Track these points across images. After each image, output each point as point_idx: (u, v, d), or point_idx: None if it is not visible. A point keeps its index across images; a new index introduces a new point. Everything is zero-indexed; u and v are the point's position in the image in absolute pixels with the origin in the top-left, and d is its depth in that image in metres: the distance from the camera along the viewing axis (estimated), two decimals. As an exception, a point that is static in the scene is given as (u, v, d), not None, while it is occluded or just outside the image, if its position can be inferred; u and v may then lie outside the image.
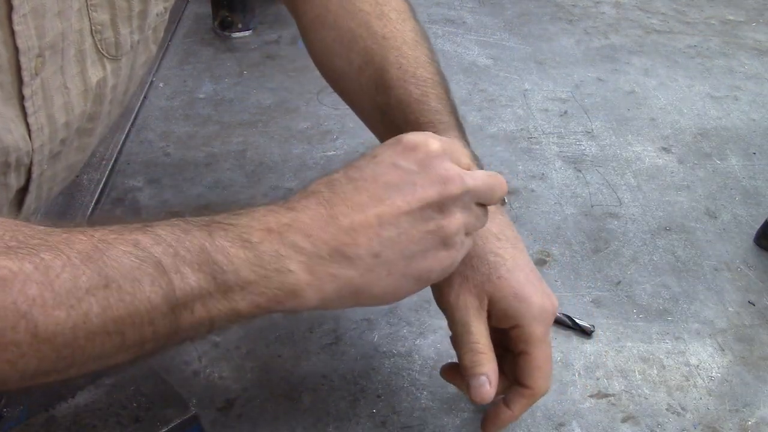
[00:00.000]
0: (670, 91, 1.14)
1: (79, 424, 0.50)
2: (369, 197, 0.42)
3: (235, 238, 0.40)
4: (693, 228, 0.85)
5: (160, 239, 0.39)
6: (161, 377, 0.53)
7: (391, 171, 0.43)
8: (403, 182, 0.43)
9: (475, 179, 0.45)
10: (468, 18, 1.36)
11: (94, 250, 0.37)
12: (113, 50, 0.58)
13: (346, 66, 0.65)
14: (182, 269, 0.38)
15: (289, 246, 0.41)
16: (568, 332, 0.70)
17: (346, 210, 0.42)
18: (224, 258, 0.40)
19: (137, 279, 0.37)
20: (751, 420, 0.63)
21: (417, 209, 0.43)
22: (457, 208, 0.44)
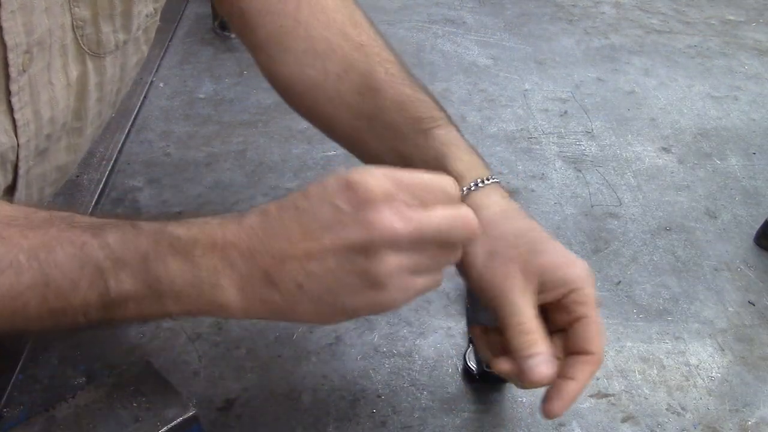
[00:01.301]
0: (670, 91, 1.14)
1: (79, 424, 0.50)
2: (301, 231, 0.43)
3: (178, 250, 0.43)
4: (693, 228, 0.85)
5: (105, 245, 0.42)
6: (161, 377, 0.53)
7: (326, 209, 0.42)
8: (334, 222, 0.42)
9: (419, 223, 0.43)
10: (468, 18, 1.36)
11: (43, 248, 0.42)
12: (95, 47, 0.58)
13: (321, 76, 0.63)
14: (120, 275, 0.42)
15: (227, 263, 0.43)
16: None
17: (280, 238, 0.43)
18: (163, 268, 0.42)
19: (76, 280, 0.42)
20: (751, 420, 0.63)
21: (343, 250, 0.42)
22: (388, 251, 0.42)
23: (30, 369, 0.64)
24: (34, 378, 0.63)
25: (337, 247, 0.42)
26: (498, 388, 0.64)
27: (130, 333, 0.68)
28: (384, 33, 0.99)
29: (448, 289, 0.75)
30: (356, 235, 0.42)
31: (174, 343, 0.67)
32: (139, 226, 0.43)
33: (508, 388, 0.64)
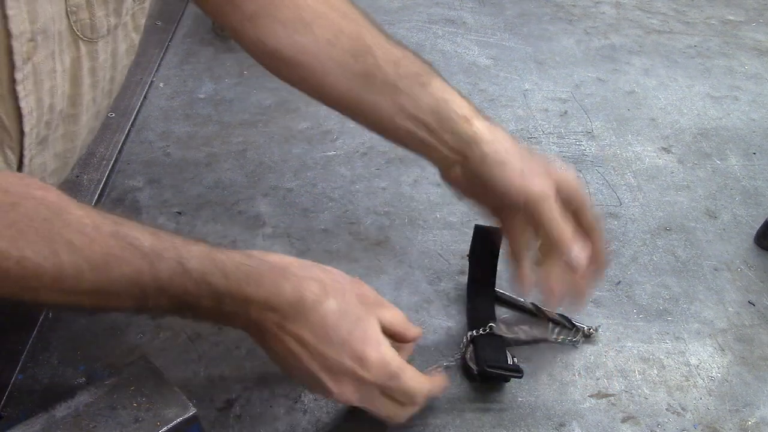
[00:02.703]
0: (670, 91, 1.14)
1: (79, 424, 0.50)
2: (310, 343, 0.53)
3: (212, 295, 0.51)
4: (693, 228, 0.85)
5: (157, 279, 0.49)
6: (161, 377, 0.53)
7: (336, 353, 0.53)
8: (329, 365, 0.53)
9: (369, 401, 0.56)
10: (468, 18, 1.36)
11: (104, 265, 0.48)
12: (88, 32, 0.59)
13: (311, 43, 0.65)
14: (160, 299, 0.50)
15: (244, 314, 0.52)
16: (568, 332, 0.70)
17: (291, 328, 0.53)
18: (195, 303, 0.51)
19: (124, 295, 0.49)
20: (751, 420, 0.63)
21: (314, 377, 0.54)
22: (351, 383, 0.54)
23: (30, 369, 0.64)
24: (34, 378, 0.63)
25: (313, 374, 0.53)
26: (498, 388, 0.64)
27: (130, 333, 0.68)
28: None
29: (448, 289, 0.75)
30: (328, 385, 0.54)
31: (174, 343, 0.67)
32: (188, 267, 0.50)
33: (508, 388, 0.64)
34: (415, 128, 0.63)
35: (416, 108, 0.63)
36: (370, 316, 0.55)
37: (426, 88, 0.63)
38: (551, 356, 0.68)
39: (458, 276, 0.76)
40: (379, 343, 0.54)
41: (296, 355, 0.53)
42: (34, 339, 0.66)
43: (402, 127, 0.64)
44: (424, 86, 0.63)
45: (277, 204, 0.86)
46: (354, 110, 0.67)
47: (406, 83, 0.63)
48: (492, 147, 0.61)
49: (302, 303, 0.52)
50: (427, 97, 0.63)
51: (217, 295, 0.51)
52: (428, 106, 0.63)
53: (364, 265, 0.77)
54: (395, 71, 0.64)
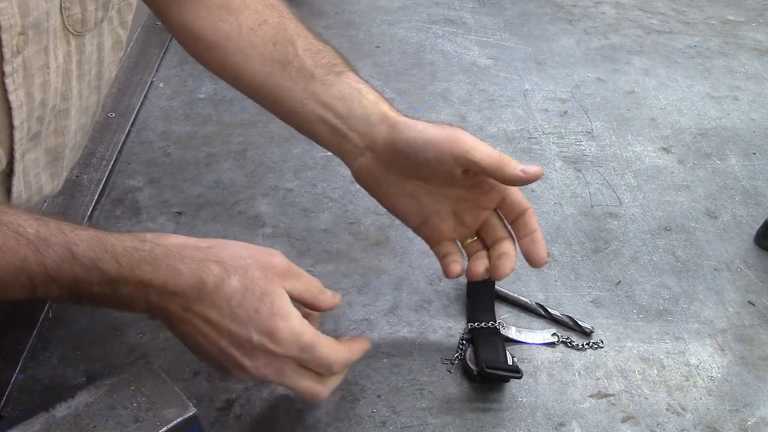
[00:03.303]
0: (670, 91, 1.14)
1: (79, 424, 0.50)
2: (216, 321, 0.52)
3: (105, 281, 0.50)
4: (693, 228, 0.85)
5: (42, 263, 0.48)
6: (161, 377, 0.53)
7: (244, 329, 0.52)
8: (239, 341, 0.52)
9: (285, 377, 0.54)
10: (468, 18, 1.36)
11: None
12: (79, 26, 0.59)
13: (234, 29, 0.67)
14: (49, 286, 0.49)
15: (143, 297, 0.51)
16: (569, 332, 0.70)
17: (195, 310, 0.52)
18: (87, 289, 0.50)
19: (10, 285, 0.49)
20: (751, 420, 0.63)
21: (225, 354, 0.53)
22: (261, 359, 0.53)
23: (30, 369, 0.64)
24: (34, 378, 0.63)
25: (224, 351, 0.52)
26: (498, 388, 0.64)
27: (130, 333, 0.68)
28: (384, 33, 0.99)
29: (448, 289, 0.75)
30: (241, 361, 0.52)
31: (174, 343, 0.66)
32: (76, 252, 0.49)
33: (508, 388, 0.64)
34: (325, 114, 0.63)
35: (328, 95, 0.63)
36: (276, 288, 0.53)
37: (340, 77, 0.64)
38: (551, 356, 0.68)
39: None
40: (287, 316, 0.52)
41: (205, 334, 0.52)
42: (34, 339, 0.66)
43: (313, 113, 0.64)
44: (338, 75, 0.64)
45: (277, 204, 0.86)
46: (269, 97, 0.68)
47: (322, 72, 0.64)
48: (401, 119, 0.61)
49: (203, 285, 0.51)
50: (340, 84, 0.64)
51: (109, 280, 0.50)
52: (340, 92, 0.63)
53: (364, 265, 0.77)
54: (313, 60, 0.65)
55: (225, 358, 0.53)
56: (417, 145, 0.59)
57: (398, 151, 0.60)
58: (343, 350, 0.55)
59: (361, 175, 0.63)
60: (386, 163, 0.61)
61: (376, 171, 0.62)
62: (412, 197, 0.63)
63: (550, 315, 0.71)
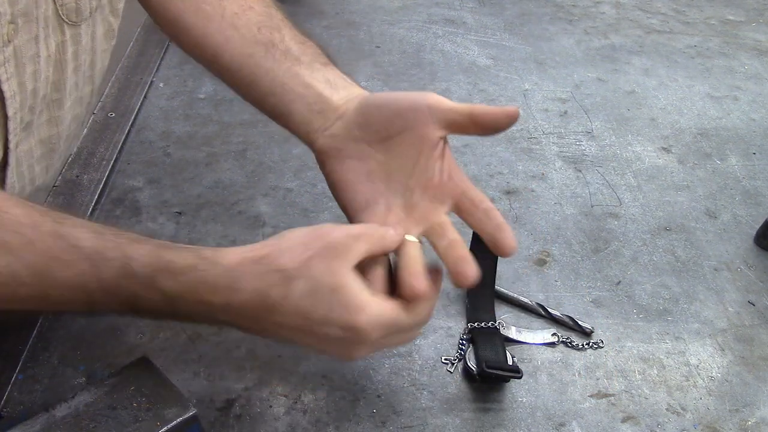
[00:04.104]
0: (670, 91, 1.14)
1: (79, 425, 0.50)
2: (295, 326, 0.49)
3: (165, 295, 0.48)
4: (693, 228, 0.85)
5: (101, 280, 0.47)
6: (161, 377, 0.53)
7: (324, 328, 0.49)
8: (323, 338, 0.50)
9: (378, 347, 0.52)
10: (468, 18, 1.36)
11: (45, 268, 0.46)
12: (73, 16, 0.59)
13: (217, 12, 0.66)
14: (109, 302, 0.48)
15: (208, 313, 0.50)
16: (569, 332, 0.70)
17: (269, 321, 0.49)
18: (148, 305, 0.49)
19: (70, 299, 0.48)
20: (751, 420, 0.63)
21: (315, 348, 0.51)
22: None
23: (30, 369, 0.64)
24: (34, 378, 0.63)
25: (312, 347, 0.51)
26: (498, 388, 0.64)
27: (130, 333, 0.68)
28: (384, 33, 0.99)
29: (448, 289, 0.75)
30: (333, 353, 0.51)
31: (174, 343, 0.67)
32: (133, 268, 0.47)
33: (508, 388, 0.64)
34: (305, 92, 0.61)
35: (312, 78, 0.62)
36: (343, 277, 0.49)
37: (326, 66, 0.63)
38: (551, 356, 0.68)
39: (458, 276, 0.76)
40: (361, 308, 0.48)
41: (291, 339, 0.50)
42: (34, 339, 0.66)
43: (293, 92, 0.62)
44: (324, 65, 0.63)
45: (277, 204, 0.86)
46: (246, 79, 0.65)
47: (308, 59, 0.63)
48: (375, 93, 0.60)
49: (268, 300, 0.48)
50: (326, 72, 0.62)
51: (168, 298, 0.48)
52: (325, 77, 0.62)
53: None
54: (299, 48, 0.64)
55: (323, 351, 0.51)
56: (389, 99, 0.57)
57: (370, 108, 0.57)
58: (423, 308, 0.52)
59: (324, 149, 0.60)
60: (355, 126, 0.58)
61: (341, 142, 0.59)
62: (367, 178, 0.58)
63: (550, 315, 0.71)
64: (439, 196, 0.57)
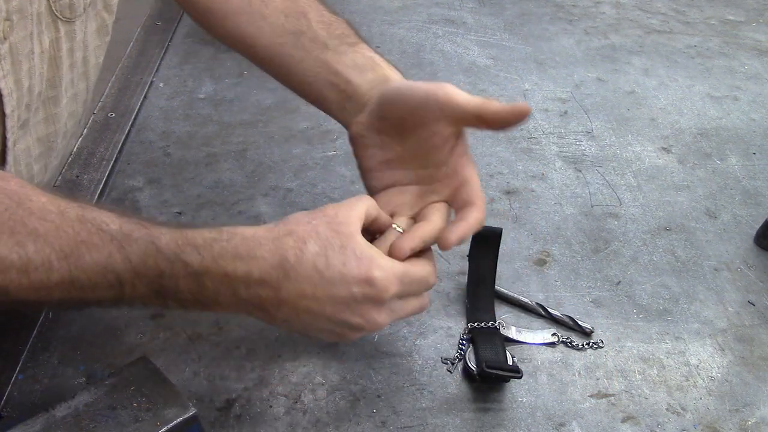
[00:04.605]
0: (670, 91, 1.14)
1: (79, 424, 0.50)
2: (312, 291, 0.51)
3: (190, 273, 0.49)
4: (693, 228, 0.85)
5: (128, 260, 0.48)
6: (161, 377, 0.53)
7: (343, 288, 0.51)
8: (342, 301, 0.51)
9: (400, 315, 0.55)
10: (468, 18, 1.36)
11: (73, 252, 0.47)
12: (67, 12, 0.59)
13: (244, 2, 0.68)
14: (136, 284, 0.49)
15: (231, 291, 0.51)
16: (569, 332, 0.70)
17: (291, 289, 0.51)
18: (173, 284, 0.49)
19: (98, 283, 0.48)
20: (751, 420, 0.63)
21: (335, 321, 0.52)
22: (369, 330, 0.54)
23: (30, 369, 0.64)
24: (34, 378, 0.63)
25: (333, 318, 0.52)
26: (498, 388, 0.64)
27: (130, 333, 0.68)
28: (384, 33, 0.99)
29: (448, 289, 0.75)
30: (353, 321, 0.52)
31: (174, 343, 0.67)
32: (159, 245, 0.49)
33: (508, 388, 0.64)
34: (337, 80, 0.64)
35: (341, 63, 0.64)
36: (350, 236, 0.52)
37: (354, 47, 0.65)
38: (551, 356, 0.68)
39: (458, 276, 0.76)
40: (373, 258, 0.52)
41: (307, 311, 0.51)
42: (34, 339, 0.66)
43: (325, 80, 0.64)
44: (351, 46, 0.65)
45: (277, 204, 0.86)
46: (282, 68, 0.68)
47: (335, 42, 0.65)
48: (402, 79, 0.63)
49: (285, 261, 0.50)
50: (354, 54, 0.64)
51: (194, 273, 0.49)
52: (353, 61, 0.64)
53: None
54: (326, 32, 0.66)
55: (337, 326, 0.52)
56: (404, 94, 0.59)
57: (386, 103, 0.60)
58: (425, 262, 0.56)
59: (353, 135, 0.63)
60: (376, 118, 0.61)
61: (365, 131, 0.62)
62: (387, 166, 0.62)
63: (550, 315, 0.71)
64: (439, 189, 0.61)
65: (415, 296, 0.56)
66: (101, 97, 1.03)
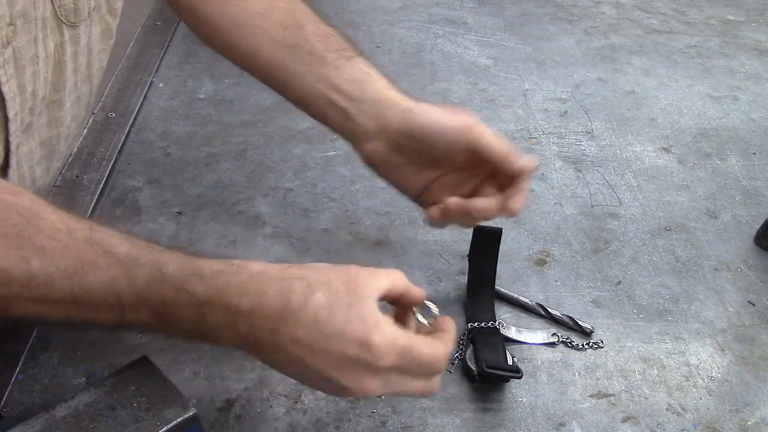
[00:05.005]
0: (670, 91, 1.14)
1: (79, 424, 0.50)
2: (308, 341, 0.49)
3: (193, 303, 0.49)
4: (693, 228, 0.85)
5: (133, 284, 0.48)
6: (161, 377, 0.53)
7: (339, 345, 0.48)
8: (336, 358, 0.49)
9: (396, 390, 0.51)
10: (468, 18, 1.36)
11: (78, 272, 0.46)
12: (72, 17, 0.59)
13: (242, 13, 0.68)
14: (138, 310, 0.48)
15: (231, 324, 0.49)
16: (569, 332, 0.70)
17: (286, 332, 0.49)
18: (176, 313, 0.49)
19: (100, 305, 0.47)
20: (751, 420, 0.63)
21: (326, 377, 0.49)
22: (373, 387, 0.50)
23: (30, 369, 0.64)
24: (34, 378, 0.63)
25: (322, 373, 0.49)
26: (498, 388, 0.64)
27: (130, 333, 0.68)
28: (384, 33, 0.99)
29: (448, 289, 0.75)
30: (342, 382, 0.49)
31: (174, 343, 0.67)
32: (165, 272, 0.48)
33: (508, 388, 0.64)
34: (336, 97, 0.65)
35: (338, 78, 0.65)
36: (362, 298, 0.50)
37: (350, 61, 0.65)
38: (551, 356, 0.68)
39: (458, 276, 0.76)
40: (378, 324, 0.49)
41: (299, 359, 0.49)
42: (34, 339, 0.66)
43: (324, 97, 0.65)
44: (348, 59, 0.65)
45: (277, 204, 0.86)
46: (280, 81, 0.68)
47: (333, 56, 0.65)
48: (413, 104, 0.64)
49: (289, 305, 0.49)
50: (351, 68, 0.65)
51: (197, 303, 0.48)
52: (351, 76, 0.64)
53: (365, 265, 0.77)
54: (323, 45, 0.66)
55: (327, 383, 0.50)
56: (431, 131, 0.61)
57: (412, 136, 0.62)
58: (440, 345, 0.52)
59: (372, 158, 0.65)
60: (397, 146, 0.63)
61: (387, 154, 0.64)
62: (419, 171, 0.65)
63: (550, 315, 0.71)
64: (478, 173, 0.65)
65: (419, 377, 0.52)
66: (101, 97, 1.03)
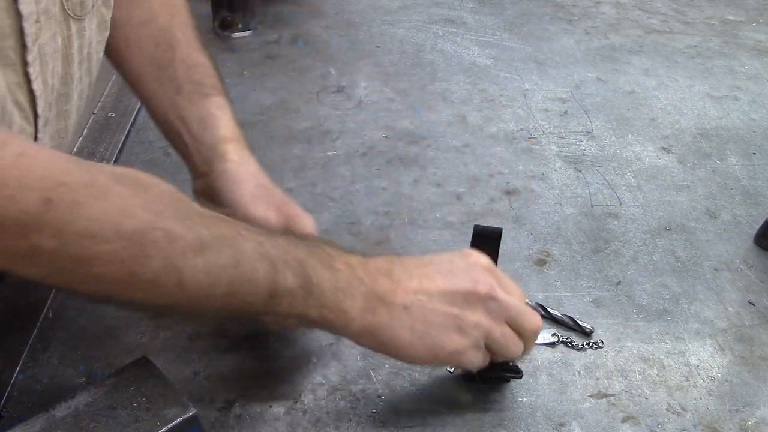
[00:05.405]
0: (670, 91, 1.14)
1: (79, 425, 0.50)
2: (421, 271, 0.56)
3: (325, 261, 0.53)
4: (693, 228, 0.85)
5: (278, 245, 0.51)
6: (161, 377, 0.53)
7: (445, 262, 0.57)
8: (449, 271, 0.56)
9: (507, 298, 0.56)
10: (468, 18, 1.36)
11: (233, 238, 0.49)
12: (78, 10, 0.60)
13: (125, 19, 0.68)
14: (286, 272, 0.50)
15: (358, 280, 0.53)
16: (569, 332, 0.70)
17: (401, 271, 0.55)
18: (313, 273, 0.52)
19: (257, 269, 0.49)
20: (751, 420, 0.63)
21: (449, 292, 0.55)
22: (480, 307, 0.55)
23: (30, 369, 0.64)
24: (34, 378, 0.63)
25: (445, 289, 0.55)
26: (498, 388, 0.64)
27: (130, 333, 0.68)
28: (384, 33, 0.99)
29: (448, 289, 0.74)
30: (463, 285, 0.55)
31: (174, 343, 0.67)
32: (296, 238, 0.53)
33: (508, 388, 0.64)
34: (181, 129, 0.67)
35: (188, 112, 0.66)
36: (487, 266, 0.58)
37: (204, 99, 0.67)
38: (551, 356, 0.68)
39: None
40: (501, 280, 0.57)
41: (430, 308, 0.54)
42: (34, 339, 0.66)
43: (172, 125, 0.67)
44: (203, 97, 0.67)
45: (277, 204, 0.86)
46: (142, 95, 0.70)
47: (190, 88, 0.67)
48: (234, 166, 0.65)
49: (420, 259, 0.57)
50: (202, 107, 0.67)
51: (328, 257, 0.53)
52: (198, 115, 0.66)
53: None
54: (185, 74, 0.67)
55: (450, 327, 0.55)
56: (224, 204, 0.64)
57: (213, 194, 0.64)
58: (538, 318, 0.59)
59: (198, 193, 0.67)
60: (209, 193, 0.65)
61: (202, 195, 0.66)
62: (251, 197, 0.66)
63: (550, 315, 0.71)
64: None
65: (519, 339, 0.58)
66: (101, 97, 1.03)
